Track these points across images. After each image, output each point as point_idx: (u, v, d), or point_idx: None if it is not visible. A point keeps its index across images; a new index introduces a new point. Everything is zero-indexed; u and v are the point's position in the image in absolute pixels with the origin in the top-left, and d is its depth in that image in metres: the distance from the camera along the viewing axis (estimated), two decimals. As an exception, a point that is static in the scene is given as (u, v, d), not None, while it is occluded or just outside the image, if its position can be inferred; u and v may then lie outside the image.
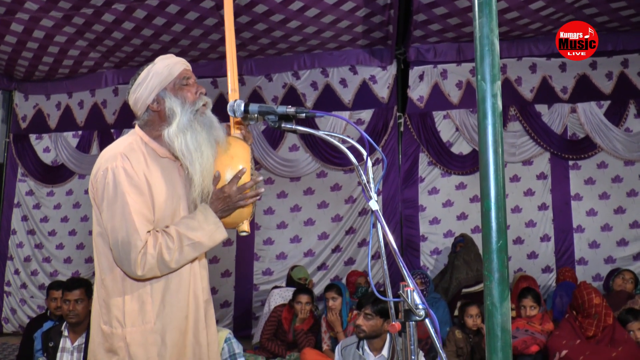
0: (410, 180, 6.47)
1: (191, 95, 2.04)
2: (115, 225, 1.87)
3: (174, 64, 2.05)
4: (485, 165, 1.27)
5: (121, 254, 1.87)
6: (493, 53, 1.31)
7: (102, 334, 1.97)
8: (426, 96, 6.48)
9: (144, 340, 1.93)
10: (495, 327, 1.23)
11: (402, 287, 1.55)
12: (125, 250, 1.86)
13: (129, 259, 1.85)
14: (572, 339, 3.99)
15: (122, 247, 1.86)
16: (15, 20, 5.53)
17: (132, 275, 1.90)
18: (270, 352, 4.85)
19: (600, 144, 6.18)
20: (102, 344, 1.97)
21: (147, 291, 1.95)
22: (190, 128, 1.99)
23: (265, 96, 6.74)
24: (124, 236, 1.86)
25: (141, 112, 2.05)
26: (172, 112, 2.00)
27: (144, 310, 1.94)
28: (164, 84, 2.02)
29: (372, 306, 3.37)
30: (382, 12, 5.61)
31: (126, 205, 1.87)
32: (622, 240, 6.18)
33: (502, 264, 1.24)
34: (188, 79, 2.06)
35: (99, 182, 1.92)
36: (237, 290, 6.65)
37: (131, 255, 1.85)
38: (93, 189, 1.97)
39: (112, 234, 1.89)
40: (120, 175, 1.89)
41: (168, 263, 1.89)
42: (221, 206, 2.00)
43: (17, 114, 7.37)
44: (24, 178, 7.32)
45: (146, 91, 2.01)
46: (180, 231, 1.92)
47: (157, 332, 1.95)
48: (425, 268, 6.29)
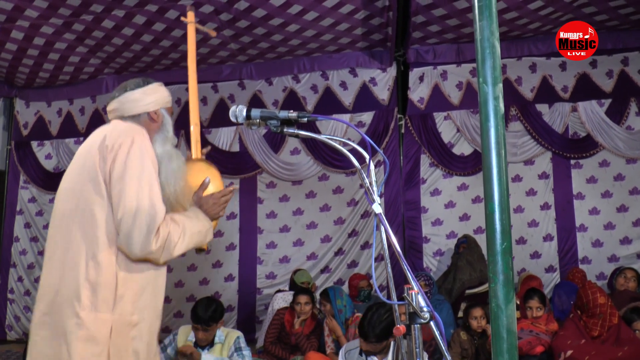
0: (412, 182, 6.47)
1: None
2: (139, 195, 1.87)
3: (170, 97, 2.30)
4: (488, 167, 1.27)
5: (138, 223, 1.85)
6: (494, 56, 1.31)
7: (79, 321, 1.83)
8: (426, 97, 6.49)
9: (124, 332, 1.90)
10: (501, 329, 1.23)
11: (406, 289, 1.55)
12: (145, 220, 1.85)
13: (148, 229, 1.84)
14: (577, 339, 3.98)
15: (142, 216, 1.85)
16: (15, 27, 5.54)
17: (137, 249, 1.85)
18: (274, 355, 4.85)
19: (602, 143, 6.17)
20: (75, 333, 1.83)
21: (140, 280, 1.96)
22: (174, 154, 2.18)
23: (266, 100, 6.74)
24: (148, 206, 1.87)
25: (137, 112, 2.16)
26: (165, 128, 2.20)
27: (133, 300, 1.93)
28: (165, 105, 2.24)
29: (375, 339, 3.28)
30: (380, 14, 5.61)
31: (152, 176, 1.93)
32: (625, 239, 6.17)
33: (507, 265, 1.24)
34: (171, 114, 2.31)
35: (121, 149, 1.92)
36: (241, 294, 6.64)
37: (153, 225, 1.85)
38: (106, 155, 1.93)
39: (131, 202, 1.86)
40: (149, 150, 1.98)
41: (172, 248, 1.93)
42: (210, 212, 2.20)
43: (19, 121, 7.39)
44: (26, 185, 7.33)
45: (151, 99, 2.18)
46: (184, 220, 2.01)
47: (137, 327, 1.95)
48: (428, 269, 6.28)
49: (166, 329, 6.51)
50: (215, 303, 3.80)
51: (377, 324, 3.28)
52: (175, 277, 6.76)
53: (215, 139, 6.78)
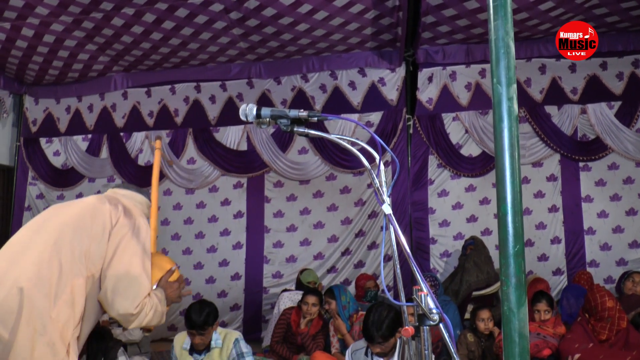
0: (420, 182, 6.45)
1: None
2: (133, 262, 2.13)
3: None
4: (501, 169, 1.25)
5: (126, 288, 2.09)
6: (509, 56, 1.30)
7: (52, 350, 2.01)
8: (435, 98, 6.47)
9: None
10: (513, 333, 1.22)
11: (415, 291, 1.54)
12: (135, 286, 2.11)
13: (133, 296, 2.09)
14: (585, 343, 3.95)
15: (132, 282, 2.10)
16: (26, 24, 5.56)
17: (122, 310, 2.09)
18: (279, 355, 4.85)
19: (611, 145, 6.13)
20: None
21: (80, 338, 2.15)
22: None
23: (274, 99, 6.74)
24: (138, 274, 2.12)
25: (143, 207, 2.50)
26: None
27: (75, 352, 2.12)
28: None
29: (382, 339, 3.28)
30: (390, 14, 5.60)
31: (145, 253, 2.20)
32: (634, 242, 6.13)
33: (520, 268, 1.23)
34: None
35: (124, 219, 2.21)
36: (247, 293, 6.65)
37: (139, 294, 2.11)
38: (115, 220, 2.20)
39: (125, 267, 2.11)
40: (148, 232, 2.29)
41: (161, 314, 2.23)
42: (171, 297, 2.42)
43: (28, 117, 7.42)
44: (34, 181, 7.36)
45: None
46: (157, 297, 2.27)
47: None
48: (435, 271, 6.27)
49: (172, 327, 6.53)
50: (208, 306, 3.66)
51: (381, 323, 3.28)
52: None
53: (223, 137, 6.78)
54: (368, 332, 3.31)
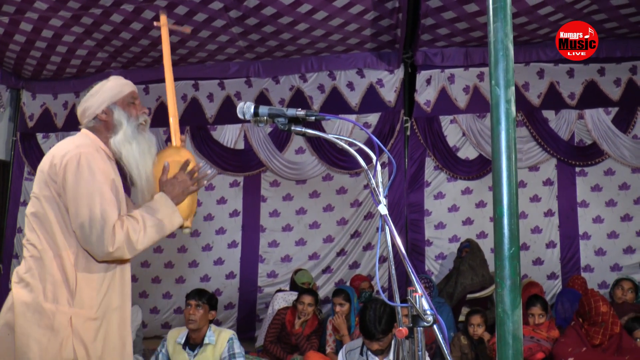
0: (416, 184, 6.46)
1: (135, 112, 2.30)
2: (90, 203, 2.00)
3: (125, 84, 2.33)
4: (498, 171, 1.26)
5: (93, 231, 1.98)
6: (507, 58, 1.30)
7: (41, 310, 2.00)
8: (433, 100, 6.47)
9: (86, 324, 2.04)
10: (507, 335, 1.22)
11: (409, 292, 1.54)
12: (98, 227, 1.98)
13: (101, 235, 1.98)
14: (578, 347, 3.96)
15: (95, 224, 1.98)
16: (24, 19, 5.55)
17: (101, 252, 2.00)
18: (273, 355, 4.84)
19: (608, 151, 6.15)
20: (36, 321, 1.99)
21: (95, 277, 2.08)
22: (135, 139, 2.25)
23: (272, 98, 6.74)
24: (99, 213, 1.99)
25: (87, 120, 2.26)
26: (119, 123, 2.24)
27: (92, 296, 2.06)
28: (114, 99, 2.26)
29: (382, 334, 3.31)
30: (390, 16, 5.60)
31: (102, 186, 2.05)
32: (628, 248, 6.14)
33: (514, 271, 1.23)
34: (135, 99, 2.33)
35: (70, 163, 2.04)
36: (242, 292, 6.64)
37: (105, 231, 1.98)
38: (58, 169, 2.05)
39: (85, 211, 1.99)
40: (96, 159, 2.09)
41: (134, 244, 2.04)
42: (177, 191, 2.25)
43: (25, 112, 7.39)
44: (30, 176, 7.33)
45: (97, 102, 2.25)
46: (143, 214, 2.12)
47: (96, 319, 2.07)
48: (430, 273, 6.27)
49: (166, 325, 6.52)
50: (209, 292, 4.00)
51: (379, 319, 3.29)
52: (176, 274, 6.76)
53: (220, 135, 6.78)
54: (367, 329, 3.32)
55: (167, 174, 2.28)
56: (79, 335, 2.00)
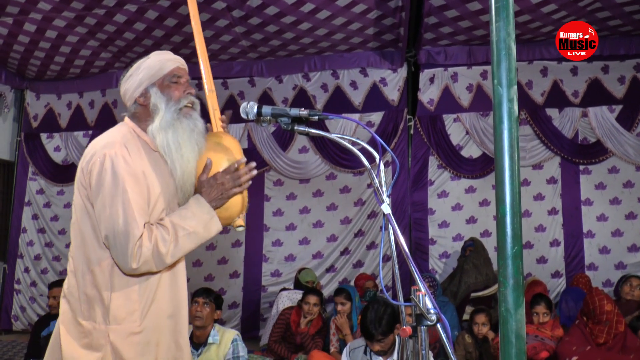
0: (420, 183, 6.45)
1: (178, 93, 2.02)
2: (112, 214, 1.79)
3: (167, 60, 2.04)
4: (500, 170, 1.26)
5: (117, 244, 1.78)
6: (510, 57, 1.30)
7: (80, 329, 1.87)
8: (436, 99, 6.47)
9: (128, 339, 1.86)
10: (510, 334, 1.22)
11: (413, 291, 1.54)
12: (121, 241, 1.77)
13: (125, 250, 1.77)
14: (582, 345, 3.95)
15: (118, 237, 1.78)
16: (28, 19, 5.57)
17: (126, 268, 1.81)
18: (277, 354, 4.85)
19: (612, 149, 6.13)
20: (77, 340, 1.86)
21: (135, 289, 1.88)
22: (172, 127, 1.96)
23: (276, 98, 6.74)
24: (122, 225, 1.77)
25: (129, 104, 2.02)
26: (156, 108, 1.97)
27: (131, 309, 1.88)
28: (153, 79, 2.00)
29: (382, 335, 3.31)
30: (393, 15, 5.60)
31: (125, 194, 1.80)
32: (633, 246, 6.13)
33: (517, 270, 1.23)
34: (179, 77, 2.05)
35: (94, 168, 1.84)
36: (246, 291, 6.65)
37: (128, 246, 1.76)
38: (84, 174, 1.88)
39: (108, 222, 1.80)
40: (120, 162, 1.83)
41: (164, 256, 1.81)
42: (214, 194, 1.95)
43: (29, 113, 7.42)
44: (34, 177, 7.36)
45: (135, 83, 1.99)
46: (175, 222, 1.87)
47: (141, 332, 1.89)
48: (434, 271, 6.27)
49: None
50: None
51: (380, 320, 3.29)
52: (181, 273, 6.76)
53: (223, 135, 6.77)
54: (367, 330, 3.32)
55: (207, 172, 1.97)
56: (119, 353, 1.85)
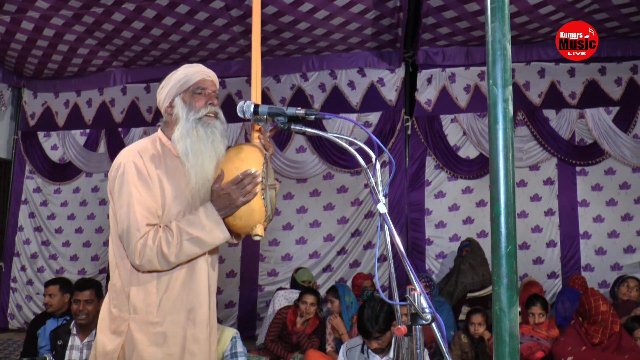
0: (417, 183, 6.47)
1: (200, 104, 2.11)
2: (121, 215, 1.98)
3: (194, 72, 2.14)
4: (495, 170, 1.26)
5: (124, 242, 1.98)
6: (505, 58, 1.31)
7: (111, 316, 2.06)
8: (434, 99, 6.48)
9: (144, 329, 2.01)
10: (503, 333, 1.23)
11: (409, 290, 1.54)
12: (127, 239, 1.96)
13: (129, 247, 1.95)
14: (577, 346, 3.96)
15: (125, 236, 1.96)
16: (26, 18, 5.56)
17: (133, 264, 1.99)
18: (273, 353, 4.85)
19: (608, 150, 6.15)
20: (109, 326, 2.06)
21: (153, 284, 2.03)
22: (190, 136, 2.06)
23: (273, 97, 6.75)
24: (127, 225, 1.95)
25: (163, 113, 2.18)
26: (177, 118, 2.10)
27: (148, 301, 2.02)
28: (179, 90, 2.12)
29: (379, 333, 3.33)
30: (391, 15, 5.60)
31: (131, 197, 1.97)
32: (629, 247, 6.15)
33: (511, 269, 1.24)
34: (204, 88, 2.13)
35: (112, 175, 2.04)
36: (242, 290, 6.66)
37: (131, 244, 1.95)
38: (109, 181, 2.08)
39: (120, 223, 1.99)
40: (131, 168, 2.00)
41: (167, 257, 1.94)
42: (223, 204, 2.01)
43: (26, 111, 7.41)
44: (31, 175, 7.35)
45: (164, 95, 2.14)
46: (181, 226, 1.98)
47: (157, 323, 2.02)
48: (431, 272, 6.28)
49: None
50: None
51: (376, 317, 3.31)
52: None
53: (221, 134, 6.77)
54: (364, 328, 3.33)
55: (219, 182, 2.03)
56: (133, 340, 1.99)
